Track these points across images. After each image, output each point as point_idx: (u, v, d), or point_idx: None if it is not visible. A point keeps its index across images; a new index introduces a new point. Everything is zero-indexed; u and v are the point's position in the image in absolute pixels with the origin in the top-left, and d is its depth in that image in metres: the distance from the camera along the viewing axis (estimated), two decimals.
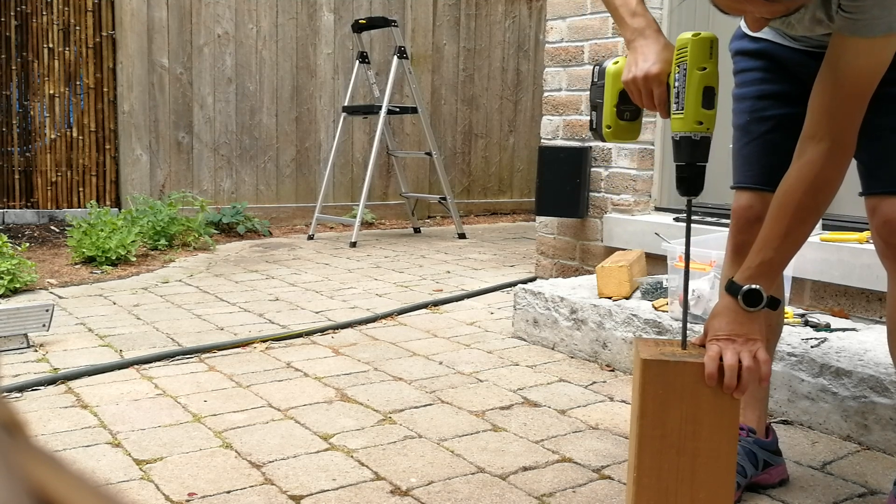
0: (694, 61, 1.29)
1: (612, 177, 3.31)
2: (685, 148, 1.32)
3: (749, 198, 1.59)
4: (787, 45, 1.54)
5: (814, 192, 1.34)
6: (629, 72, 1.35)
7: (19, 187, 5.05)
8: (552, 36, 3.54)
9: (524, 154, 6.79)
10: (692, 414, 1.32)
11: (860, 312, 2.39)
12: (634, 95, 1.36)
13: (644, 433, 1.33)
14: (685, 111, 1.30)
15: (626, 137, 1.44)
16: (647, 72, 1.32)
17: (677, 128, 1.32)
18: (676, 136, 1.32)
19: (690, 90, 1.29)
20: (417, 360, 2.50)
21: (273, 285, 3.65)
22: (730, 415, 1.33)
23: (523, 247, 4.89)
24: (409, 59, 5.25)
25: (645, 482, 1.34)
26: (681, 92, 1.30)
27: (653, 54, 1.33)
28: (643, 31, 1.35)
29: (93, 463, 1.70)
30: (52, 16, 5.01)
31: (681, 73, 1.30)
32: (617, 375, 2.39)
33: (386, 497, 1.56)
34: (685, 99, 1.29)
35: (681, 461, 1.33)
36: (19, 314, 2.52)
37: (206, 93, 5.44)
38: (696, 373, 1.32)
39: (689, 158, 1.32)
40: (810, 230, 1.38)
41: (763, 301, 1.36)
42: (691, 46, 1.29)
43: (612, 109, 1.41)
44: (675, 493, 1.33)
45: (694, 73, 1.29)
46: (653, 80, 1.32)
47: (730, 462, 1.33)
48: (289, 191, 5.79)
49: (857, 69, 1.27)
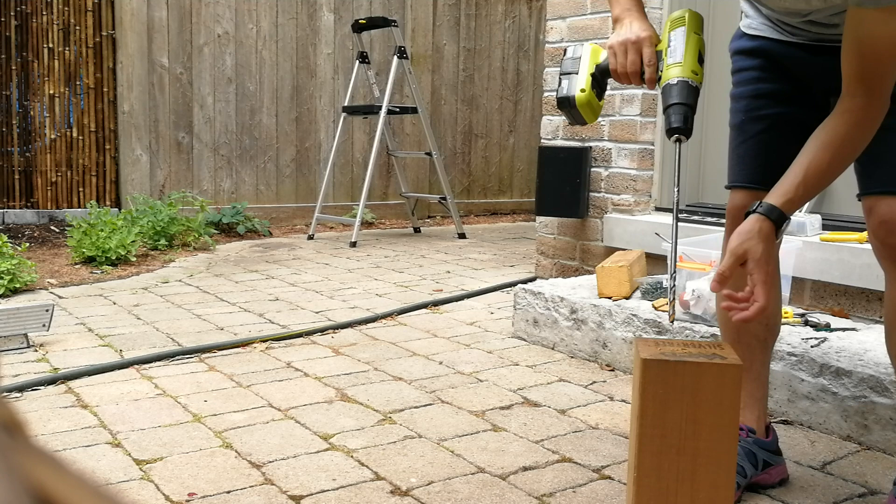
0: (691, 27, 1.41)
1: (612, 177, 3.31)
2: (683, 90, 1.37)
3: (744, 197, 1.58)
4: (784, 41, 1.54)
5: (854, 131, 1.35)
6: (619, 36, 1.44)
7: (19, 187, 5.05)
8: (552, 36, 3.54)
9: (524, 154, 6.79)
10: (692, 414, 1.32)
11: (860, 312, 2.39)
12: (619, 58, 1.43)
13: (644, 433, 1.33)
14: (684, 60, 1.38)
15: (593, 111, 1.50)
16: (639, 35, 1.41)
17: (676, 73, 1.38)
18: (674, 81, 1.38)
19: (689, 46, 1.39)
20: (417, 360, 2.50)
21: (273, 285, 3.65)
22: (730, 415, 1.33)
23: (523, 247, 4.89)
24: (409, 59, 5.25)
25: (645, 482, 1.34)
26: (678, 47, 1.40)
27: (642, 25, 1.44)
28: (632, 9, 1.46)
29: (93, 463, 1.70)
30: (52, 16, 5.01)
31: (678, 34, 1.40)
32: (617, 375, 2.39)
33: (386, 497, 1.56)
34: (684, 52, 1.39)
35: (681, 461, 1.33)
36: (19, 314, 2.52)
37: (206, 93, 5.44)
38: (696, 373, 1.32)
39: (685, 99, 1.37)
40: (843, 168, 1.39)
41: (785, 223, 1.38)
42: (689, 15, 1.43)
43: (588, 77, 1.48)
44: (675, 493, 1.33)
45: (692, 34, 1.40)
46: (644, 41, 1.41)
47: (730, 462, 1.34)
48: (289, 191, 5.79)
49: (875, 38, 1.27)
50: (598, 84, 1.48)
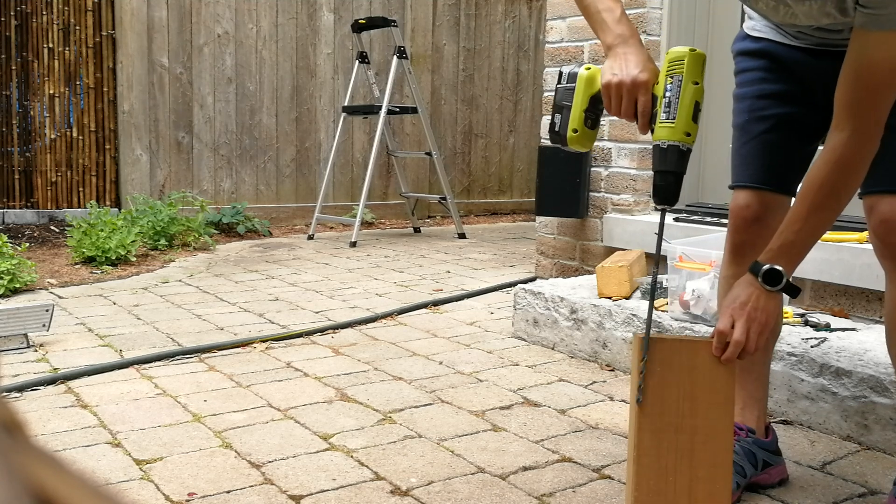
0: (690, 75, 1.30)
1: (611, 177, 3.31)
2: (672, 156, 1.31)
3: (747, 197, 1.59)
4: (788, 44, 1.54)
5: (834, 175, 1.33)
6: (613, 75, 1.32)
7: (19, 187, 5.05)
8: (552, 36, 3.54)
9: (524, 154, 6.79)
10: (689, 391, 1.35)
11: (860, 312, 2.39)
12: (613, 101, 1.33)
13: (643, 411, 1.35)
14: (676, 121, 1.29)
15: (586, 144, 1.42)
16: (636, 78, 1.30)
17: (666, 136, 1.30)
18: (664, 144, 1.31)
19: (684, 101, 1.29)
20: (417, 360, 2.50)
21: (273, 285, 3.65)
22: (726, 391, 1.36)
23: (523, 247, 4.89)
24: (408, 59, 5.25)
25: (644, 461, 1.35)
26: (672, 102, 1.30)
27: (639, 62, 1.31)
28: (627, 39, 1.33)
29: (93, 463, 1.70)
30: (52, 15, 5.01)
31: (674, 83, 1.30)
32: (617, 375, 2.39)
33: (386, 497, 1.56)
34: (678, 109, 1.29)
35: (679, 439, 1.35)
36: (19, 314, 2.52)
37: (206, 93, 5.44)
38: (692, 349, 1.36)
39: (675, 167, 1.31)
40: (831, 216, 1.37)
41: (783, 281, 1.36)
42: (689, 59, 1.30)
43: (580, 114, 1.39)
44: (674, 471, 1.35)
45: (689, 85, 1.29)
46: (640, 87, 1.31)
47: (727, 439, 1.36)
48: (289, 191, 5.79)
49: (879, 61, 1.27)
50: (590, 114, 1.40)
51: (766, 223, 1.56)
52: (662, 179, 1.33)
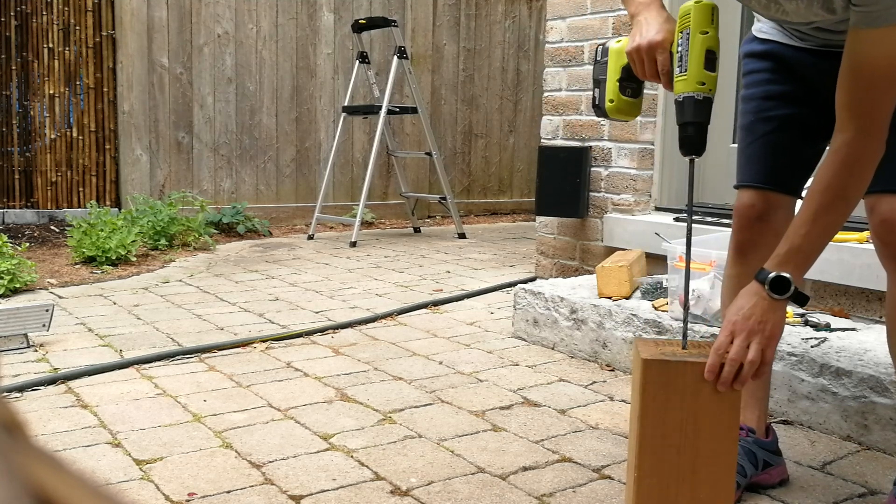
0: (696, 25, 1.33)
1: (612, 176, 3.31)
2: (688, 107, 1.34)
3: (751, 196, 1.59)
4: (794, 46, 1.55)
5: (840, 176, 1.32)
6: (633, 41, 1.38)
7: (19, 187, 5.05)
8: (552, 36, 3.54)
9: (524, 154, 6.79)
10: (692, 413, 1.32)
11: (860, 312, 2.39)
12: (637, 66, 1.39)
13: (644, 433, 1.33)
14: (688, 72, 1.33)
15: (628, 113, 1.47)
16: (651, 40, 1.35)
17: (680, 89, 1.34)
18: (680, 97, 1.35)
19: (693, 52, 1.32)
20: (417, 360, 2.50)
21: (273, 285, 3.65)
22: (730, 414, 1.33)
23: (523, 247, 4.88)
24: (409, 59, 5.25)
25: (645, 482, 1.34)
26: (684, 55, 1.33)
27: (656, 25, 1.37)
28: (648, 5, 1.39)
29: (93, 463, 1.70)
30: (52, 16, 5.01)
31: (683, 37, 1.34)
32: (617, 375, 2.39)
33: (386, 497, 1.56)
34: (688, 61, 1.33)
35: (681, 461, 1.33)
36: (19, 314, 2.52)
37: (206, 93, 5.44)
38: (696, 372, 1.32)
39: (692, 117, 1.34)
40: (839, 219, 1.35)
41: (790, 289, 1.33)
42: (694, 12, 1.33)
43: (615, 84, 1.45)
44: (675, 493, 1.33)
45: (696, 36, 1.32)
46: (656, 48, 1.36)
47: (730, 461, 1.33)
48: (289, 191, 5.79)
49: (875, 59, 1.26)
50: (629, 84, 1.45)
51: (770, 223, 1.57)
52: (683, 132, 1.36)
